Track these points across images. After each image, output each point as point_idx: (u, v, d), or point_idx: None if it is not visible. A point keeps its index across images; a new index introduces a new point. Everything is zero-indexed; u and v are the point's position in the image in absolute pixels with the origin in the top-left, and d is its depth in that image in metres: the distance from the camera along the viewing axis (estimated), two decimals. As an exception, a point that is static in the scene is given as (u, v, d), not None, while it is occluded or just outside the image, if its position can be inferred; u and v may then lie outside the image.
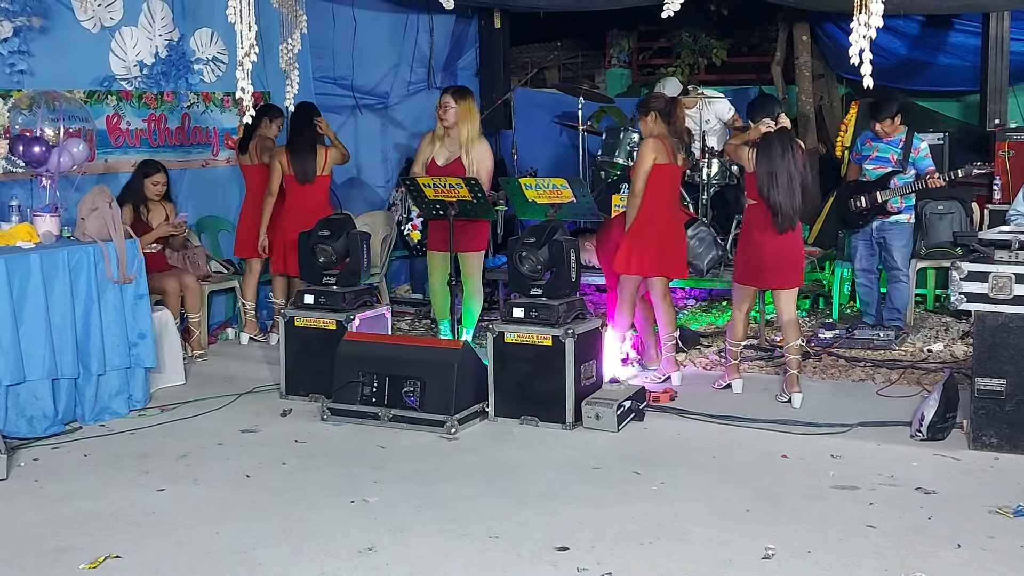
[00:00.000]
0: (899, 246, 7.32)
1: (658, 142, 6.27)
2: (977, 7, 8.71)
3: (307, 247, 6.25)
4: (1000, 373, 4.91)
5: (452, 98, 6.63)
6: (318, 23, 8.44)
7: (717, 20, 10.94)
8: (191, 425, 5.67)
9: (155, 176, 6.96)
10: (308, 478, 4.80)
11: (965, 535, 4.00)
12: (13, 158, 5.90)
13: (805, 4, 9.35)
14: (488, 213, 6.61)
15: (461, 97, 6.67)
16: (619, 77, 12.51)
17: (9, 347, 5.28)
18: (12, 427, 5.31)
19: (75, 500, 4.53)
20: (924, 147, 7.31)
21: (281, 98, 6.60)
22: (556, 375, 5.48)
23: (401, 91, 9.89)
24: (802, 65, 10.17)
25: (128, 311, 5.85)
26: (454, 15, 9.89)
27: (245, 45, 5.30)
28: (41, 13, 6.57)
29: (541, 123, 10.59)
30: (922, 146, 7.30)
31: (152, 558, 3.92)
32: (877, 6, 4.64)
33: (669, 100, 6.50)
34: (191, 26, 7.75)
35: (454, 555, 3.90)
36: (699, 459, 4.99)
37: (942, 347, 7.06)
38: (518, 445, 5.26)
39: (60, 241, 5.80)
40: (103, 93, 7.14)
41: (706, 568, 3.76)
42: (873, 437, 5.25)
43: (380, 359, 5.68)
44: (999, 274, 4.90)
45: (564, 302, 5.63)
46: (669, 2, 5.15)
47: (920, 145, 7.30)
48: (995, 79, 8.96)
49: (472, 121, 6.64)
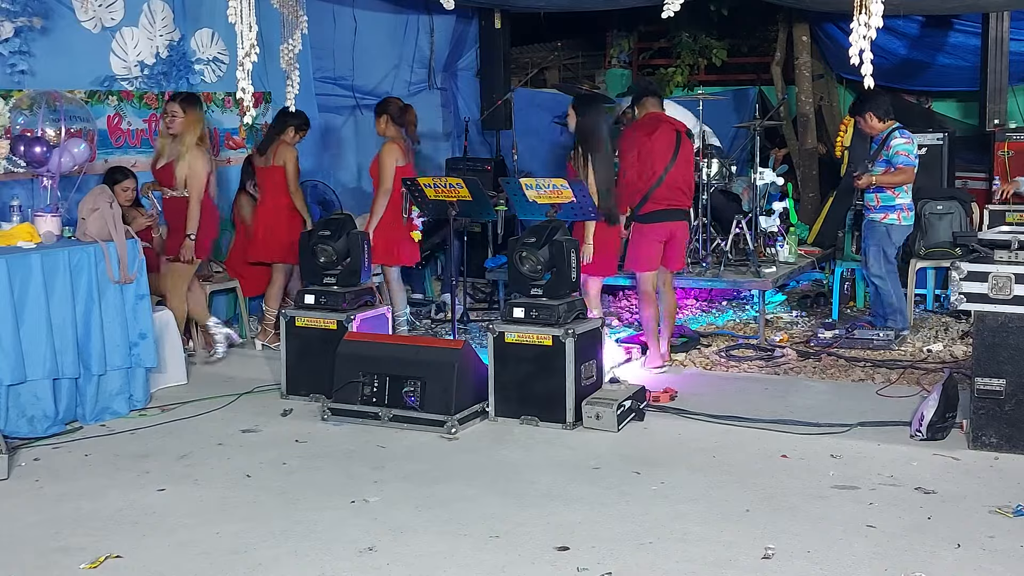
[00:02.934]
0: (869, 244, 7.27)
1: (394, 146, 6.97)
2: (977, 7, 8.72)
3: (307, 247, 6.26)
4: (1000, 373, 4.91)
5: (180, 107, 6.69)
6: (318, 23, 8.45)
7: (717, 20, 10.95)
8: (191, 425, 5.67)
9: (124, 182, 6.89)
10: (308, 478, 4.81)
11: (965, 535, 4.00)
12: (14, 158, 5.90)
13: (805, 4, 9.36)
14: (488, 213, 6.62)
15: (189, 106, 6.74)
16: (619, 77, 12.51)
17: (10, 347, 5.28)
18: (13, 427, 5.31)
19: (75, 500, 4.54)
20: (897, 144, 7.07)
21: (282, 98, 6.61)
22: (556, 375, 5.48)
23: (401, 91, 9.88)
24: (802, 65, 10.17)
25: (129, 311, 5.85)
26: (454, 15, 9.90)
27: (246, 45, 5.31)
28: (42, 13, 6.57)
29: (541, 123, 10.60)
30: (894, 143, 7.07)
31: (152, 558, 3.92)
32: (877, 6, 4.64)
33: (402, 105, 7.05)
34: (192, 26, 7.75)
35: (454, 555, 3.90)
36: (699, 459, 4.99)
37: (942, 347, 7.06)
38: (518, 445, 5.26)
39: (61, 241, 5.80)
40: (104, 93, 7.15)
41: (706, 568, 3.76)
42: (873, 437, 5.25)
43: (380, 359, 5.68)
44: (999, 274, 4.90)
45: (564, 302, 5.63)
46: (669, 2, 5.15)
47: (892, 143, 7.09)
48: (995, 79, 8.97)
49: (194, 131, 6.73)
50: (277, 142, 7.44)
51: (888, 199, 7.17)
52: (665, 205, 6.62)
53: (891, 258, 7.25)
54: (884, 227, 7.20)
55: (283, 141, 7.44)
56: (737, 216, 8.10)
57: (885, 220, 7.19)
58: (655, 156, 6.61)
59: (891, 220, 7.18)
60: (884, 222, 7.20)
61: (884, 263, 7.21)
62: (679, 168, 6.66)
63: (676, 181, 6.64)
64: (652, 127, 6.71)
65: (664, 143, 6.64)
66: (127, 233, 5.88)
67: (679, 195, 6.69)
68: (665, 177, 6.58)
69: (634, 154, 6.66)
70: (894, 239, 7.22)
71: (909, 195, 7.23)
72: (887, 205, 7.18)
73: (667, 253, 6.72)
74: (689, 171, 6.85)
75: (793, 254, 8.16)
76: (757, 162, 8.02)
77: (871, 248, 7.26)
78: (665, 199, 6.62)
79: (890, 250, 7.23)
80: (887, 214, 7.19)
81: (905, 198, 7.19)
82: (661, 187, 6.59)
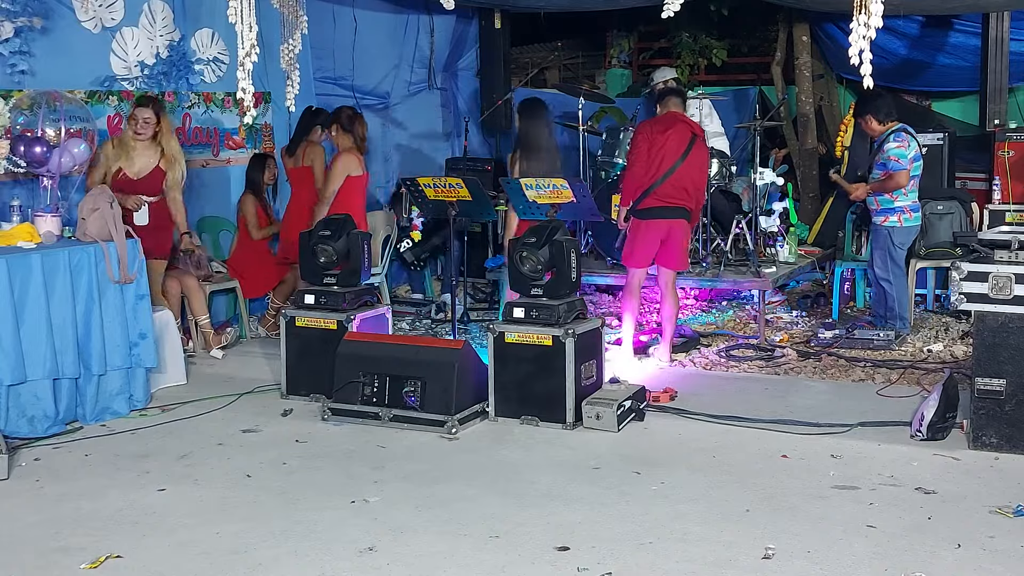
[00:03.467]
0: (875, 248, 7.30)
1: (351, 156, 7.00)
2: (977, 7, 8.72)
3: (308, 247, 6.26)
4: (1000, 373, 4.91)
5: (154, 113, 6.67)
6: (319, 24, 8.45)
7: (717, 20, 10.95)
8: (192, 425, 5.67)
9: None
10: (308, 478, 4.81)
11: (965, 535, 4.00)
12: (14, 158, 5.91)
13: (805, 4, 9.36)
14: (488, 213, 6.62)
15: (162, 109, 6.80)
16: (619, 77, 12.52)
17: (10, 347, 5.28)
18: (13, 427, 5.31)
19: (76, 500, 4.54)
20: (890, 148, 7.09)
21: (282, 98, 6.61)
22: (556, 375, 5.48)
23: (402, 91, 9.90)
24: (802, 65, 10.17)
25: (129, 311, 5.85)
26: (454, 15, 9.90)
27: (246, 45, 5.31)
28: (42, 13, 6.57)
29: (541, 123, 10.59)
30: (887, 147, 7.10)
31: (152, 558, 3.92)
32: (877, 6, 4.65)
33: (351, 113, 7.04)
34: (192, 26, 7.75)
35: (454, 555, 3.90)
36: (699, 459, 4.99)
37: (942, 347, 7.05)
38: (518, 445, 5.26)
39: (61, 241, 5.80)
40: (104, 93, 7.15)
41: (706, 568, 3.76)
42: (873, 437, 5.25)
43: (380, 359, 5.68)
44: (999, 274, 4.90)
45: (564, 302, 5.63)
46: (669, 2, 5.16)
47: (886, 147, 7.11)
48: (995, 79, 8.97)
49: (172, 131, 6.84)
50: (305, 142, 7.55)
51: (886, 202, 7.17)
52: (666, 202, 6.61)
53: (898, 260, 7.23)
54: (885, 230, 7.20)
55: (311, 141, 7.60)
56: (737, 216, 8.10)
57: (885, 223, 7.20)
58: (665, 152, 6.59)
59: (891, 223, 7.17)
60: (885, 225, 7.20)
61: (891, 266, 7.22)
62: (688, 168, 6.63)
63: (682, 180, 6.62)
64: (668, 124, 6.69)
65: (676, 141, 6.62)
66: (127, 233, 5.88)
67: (683, 194, 6.66)
68: (671, 175, 6.57)
69: (644, 148, 6.65)
70: (897, 242, 7.20)
71: (911, 196, 7.19)
72: (886, 208, 7.18)
73: (666, 253, 6.71)
74: (699, 174, 6.79)
75: (793, 254, 8.16)
76: (757, 162, 8.02)
77: (876, 251, 7.27)
78: (667, 196, 6.61)
79: (896, 252, 7.20)
80: (887, 217, 7.18)
81: (905, 200, 7.15)
82: (665, 184, 6.59)
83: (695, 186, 6.74)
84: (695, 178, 6.73)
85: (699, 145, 6.72)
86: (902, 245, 7.24)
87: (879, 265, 7.24)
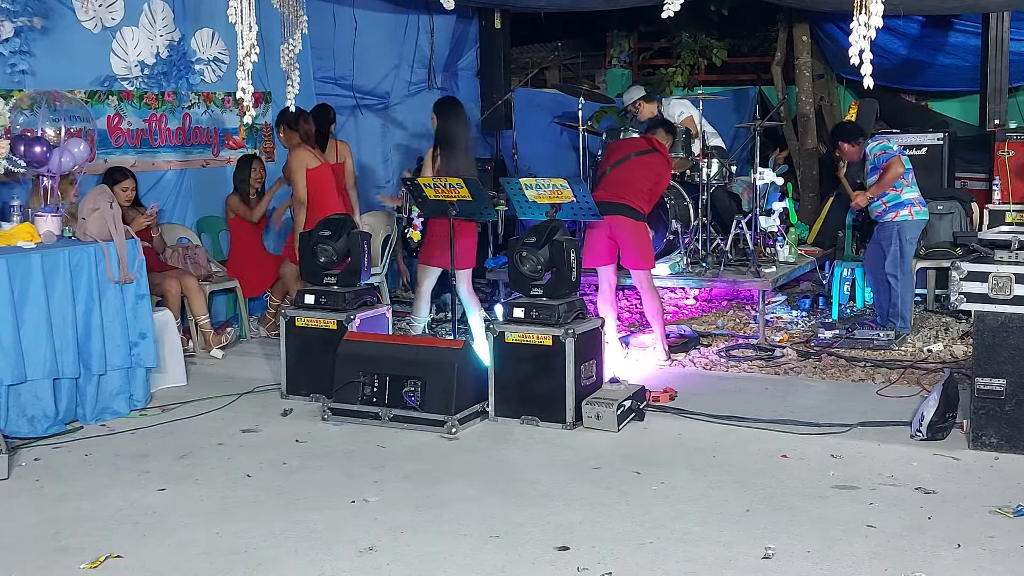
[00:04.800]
0: (886, 248, 7.31)
1: (302, 151, 7.02)
2: (977, 7, 8.73)
3: (308, 247, 6.26)
4: (1000, 373, 4.91)
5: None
6: (319, 23, 8.46)
7: (717, 20, 10.95)
8: (192, 425, 5.67)
9: (124, 183, 6.88)
10: (308, 478, 4.81)
11: (965, 535, 4.00)
12: (14, 158, 5.90)
13: (805, 4, 9.36)
14: (488, 213, 6.62)
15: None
16: (619, 77, 12.52)
17: (10, 347, 5.28)
18: (13, 427, 5.31)
19: (76, 500, 4.54)
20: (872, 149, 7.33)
21: (282, 98, 6.61)
22: (556, 375, 5.48)
23: (402, 91, 9.90)
24: (802, 65, 10.18)
25: (129, 311, 5.85)
26: (454, 15, 9.91)
27: (246, 45, 5.31)
28: (42, 13, 6.58)
29: (541, 123, 10.60)
30: (869, 151, 7.34)
31: (152, 558, 3.92)
32: (877, 6, 4.64)
33: (296, 114, 6.94)
34: (192, 26, 7.75)
35: (454, 555, 3.90)
36: (699, 459, 4.99)
37: (942, 347, 7.06)
38: (518, 445, 5.26)
39: (61, 241, 5.80)
40: (104, 93, 7.15)
41: (706, 568, 3.76)
42: (873, 437, 5.25)
43: (380, 359, 5.68)
44: (999, 274, 4.90)
45: (564, 302, 5.63)
46: (669, 2, 5.16)
47: (870, 153, 7.34)
48: (995, 79, 8.98)
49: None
50: (334, 140, 7.71)
51: (894, 198, 7.21)
52: (609, 196, 6.72)
53: (906, 257, 7.27)
54: (895, 226, 7.23)
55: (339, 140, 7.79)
56: (737, 216, 8.10)
57: (897, 219, 7.24)
58: (615, 154, 6.94)
59: (903, 217, 7.23)
60: (896, 220, 7.24)
61: (900, 263, 7.26)
62: (635, 167, 6.83)
63: (626, 178, 6.78)
64: (635, 140, 7.04)
65: (630, 147, 6.95)
66: (127, 233, 5.88)
67: (627, 190, 6.77)
68: (612, 171, 6.82)
69: (607, 154, 7.08)
70: (908, 236, 7.24)
71: (915, 189, 7.24)
72: (895, 204, 7.23)
73: (624, 254, 6.83)
74: (648, 174, 6.87)
75: (793, 254, 8.16)
76: (757, 162, 8.02)
77: (888, 250, 7.28)
78: (611, 187, 6.78)
79: (907, 248, 7.26)
80: (898, 212, 7.24)
81: (911, 192, 7.21)
82: (606, 178, 6.83)
83: (644, 185, 6.83)
84: (640, 179, 6.84)
85: (657, 155, 6.92)
86: (911, 241, 7.29)
87: (891, 263, 7.27)
